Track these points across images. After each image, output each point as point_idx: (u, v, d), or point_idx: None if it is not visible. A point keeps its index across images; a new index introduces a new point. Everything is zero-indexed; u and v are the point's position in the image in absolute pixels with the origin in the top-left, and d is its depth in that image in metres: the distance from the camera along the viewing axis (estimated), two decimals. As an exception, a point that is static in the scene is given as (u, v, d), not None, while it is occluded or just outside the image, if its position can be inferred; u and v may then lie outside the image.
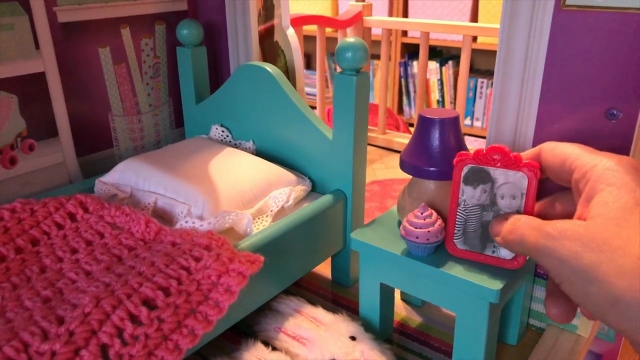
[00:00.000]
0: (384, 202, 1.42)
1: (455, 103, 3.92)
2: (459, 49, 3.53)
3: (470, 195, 0.73)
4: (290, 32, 1.16)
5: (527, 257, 0.72)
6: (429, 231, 0.76)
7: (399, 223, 0.86)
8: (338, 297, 1.00)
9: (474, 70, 3.96)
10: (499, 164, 0.70)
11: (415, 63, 3.91)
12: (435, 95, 4.08)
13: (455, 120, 0.80)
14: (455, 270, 0.73)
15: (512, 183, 0.69)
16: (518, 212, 0.70)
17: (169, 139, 1.22)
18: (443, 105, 4.00)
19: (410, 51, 4.10)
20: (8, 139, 0.94)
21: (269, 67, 1.01)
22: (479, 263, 0.74)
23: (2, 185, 0.95)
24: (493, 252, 0.73)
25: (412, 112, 4.18)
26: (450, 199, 0.75)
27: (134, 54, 1.11)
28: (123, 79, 1.10)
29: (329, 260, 1.05)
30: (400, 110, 4.14)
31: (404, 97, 4.14)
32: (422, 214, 0.77)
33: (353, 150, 0.92)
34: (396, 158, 1.72)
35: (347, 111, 0.90)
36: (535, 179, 0.68)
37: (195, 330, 0.64)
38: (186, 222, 0.82)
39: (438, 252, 0.78)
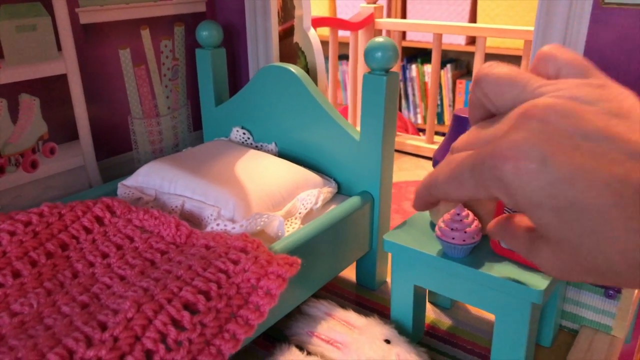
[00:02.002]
0: (400, 205, 1.41)
1: (454, 106, 3.93)
2: (457, 52, 3.54)
3: (515, 194, 0.72)
4: (312, 33, 1.15)
5: None
6: (465, 232, 0.75)
7: (432, 224, 0.85)
8: (363, 300, 0.99)
9: (472, 75, 3.97)
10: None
11: (413, 67, 3.91)
12: (430, 102, 4.08)
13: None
14: (496, 271, 0.72)
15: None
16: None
17: (186, 141, 1.20)
18: (442, 109, 4.01)
19: (409, 54, 4.10)
20: (30, 142, 0.93)
21: (293, 68, 1.00)
22: (518, 265, 0.74)
23: (23, 189, 0.93)
24: (534, 252, 0.72)
25: (411, 116, 4.18)
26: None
27: (154, 56, 1.09)
28: (142, 81, 1.09)
29: (352, 263, 1.03)
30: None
31: (403, 101, 4.14)
32: (458, 214, 0.76)
33: (382, 151, 0.91)
34: (408, 160, 1.72)
35: (376, 111, 0.89)
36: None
37: (237, 335, 0.62)
38: (217, 224, 0.81)
39: (475, 252, 0.77)
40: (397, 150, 1.76)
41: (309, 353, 0.79)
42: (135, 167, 1.06)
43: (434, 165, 0.82)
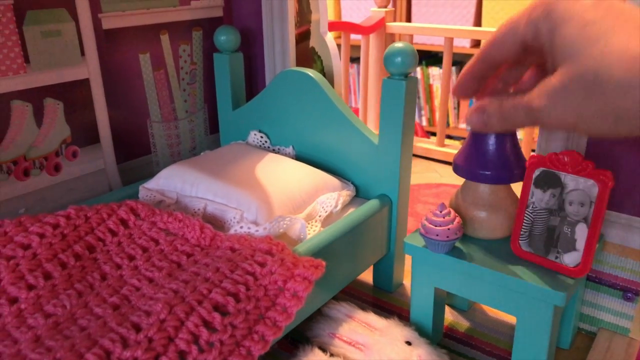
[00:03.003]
0: (413, 208, 1.42)
1: (458, 109, 3.94)
2: (462, 55, 3.55)
3: (539, 198, 0.73)
4: (329, 37, 1.17)
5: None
6: (448, 228, 0.76)
7: (451, 227, 0.86)
8: (381, 302, 1.00)
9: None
10: (570, 169, 0.70)
11: (418, 69, 3.92)
12: (438, 101, 4.10)
13: (510, 124, 0.80)
14: (518, 274, 0.73)
15: (582, 190, 0.70)
16: (585, 220, 0.70)
17: (203, 145, 1.21)
18: (447, 112, 4.02)
19: (415, 57, 4.11)
20: (53, 146, 0.94)
21: (311, 73, 1.01)
22: (539, 267, 0.74)
23: (47, 192, 0.94)
24: (556, 257, 0.73)
25: (416, 118, 4.19)
26: (520, 200, 0.75)
27: (172, 60, 1.11)
28: (162, 85, 1.10)
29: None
30: (407, 116, 4.14)
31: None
32: (441, 212, 0.78)
33: (400, 155, 0.92)
34: (418, 163, 1.73)
35: (395, 115, 0.90)
36: (607, 189, 0.67)
37: (265, 336, 0.64)
38: (240, 227, 0.82)
39: (496, 255, 0.78)
40: (408, 153, 1.77)
41: (331, 354, 0.80)
42: (154, 170, 1.08)
43: (455, 170, 0.83)
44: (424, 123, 3.56)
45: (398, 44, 0.88)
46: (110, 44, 0.99)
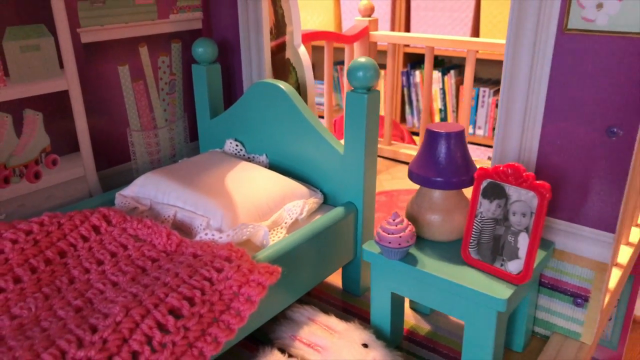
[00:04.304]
0: (391, 213, 1.45)
1: (457, 112, 3.97)
2: (461, 59, 3.58)
3: (486, 208, 0.77)
4: (302, 50, 1.21)
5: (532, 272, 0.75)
6: (400, 236, 0.80)
7: (409, 235, 0.90)
8: (349, 306, 1.04)
9: (476, 80, 4.00)
10: (512, 181, 0.74)
11: (417, 72, 3.95)
12: (437, 104, 4.13)
13: (460, 134, 0.84)
14: (465, 280, 0.77)
15: (523, 201, 0.73)
16: (527, 230, 0.73)
17: (183, 152, 1.26)
18: (445, 114, 4.05)
19: (413, 61, 4.14)
20: (33, 155, 0.99)
21: (282, 85, 1.05)
22: (486, 274, 0.78)
23: (27, 199, 0.99)
24: (501, 265, 0.76)
25: (415, 121, 4.22)
26: (469, 210, 0.79)
27: (152, 71, 1.15)
28: (141, 96, 1.14)
29: (339, 270, 1.08)
30: (403, 119, 4.18)
31: (407, 106, 4.19)
32: (394, 220, 0.82)
33: (364, 165, 0.96)
34: (402, 169, 1.76)
35: (358, 127, 0.94)
36: (545, 200, 0.71)
37: (218, 339, 0.68)
38: (205, 234, 0.86)
39: (447, 262, 0.81)
40: (391, 159, 1.81)
41: (290, 356, 0.84)
42: (134, 177, 1.12)
43: (410, 177, 0.87)
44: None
45: (360, 59, 0.91)
46: (89, 57, 1.04)
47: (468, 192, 0.85)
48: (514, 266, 0.75)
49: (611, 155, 0.78)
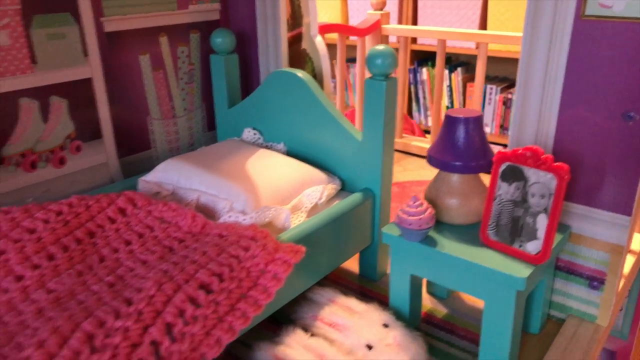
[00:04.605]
0: (403, 203, 1.47)
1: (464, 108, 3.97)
2: (468, 56, 3.58)
3: (505, 190, 0.79)
4: (319, 39, 1.23)
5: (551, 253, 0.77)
6: (420, 218, 0.82)
7: (427, 218, 0.92)
8: (366, 290, 1.06)
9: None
10: (531, 164, 0.76)
11: (424, 70, 3.97)
12: (444, 101, 4.14)
13: (478, 119, 0.86)
14: (484, 261, 0.78)
15: (542, 183, 0.75)
16: (546, 211, 0.75)
17: (201, 141, 1.28)
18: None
19: (420, 58, 4.16)
20: (58, 141, 1.01)
21: (301, 73, 1.07)
22: (505, 254, 0.80)
23: (52, 184, 1.01)
24: (520, 246, 0.78)
25: (422, 118, 4.24)
26: (488, 193, 0.81)
27: (171, 61, 1.17)
28: (161, 85, 1.16)
29: (355, 256, 1.10)
30: (410, 116, 4.20)
31: (414, 104, 4.20)
32: (414, 203, 0.84)
33: (382, 150, 0.98)
34: (413, 161, 1.78)
35: (376, 113, 0.96)
36: (564, 181, 0.73)
37: (247, 313, 0.70)
38: (229, 216, 0.88)
39: (467, 242, 0.83)
40: (402, 152, 1.83)
41: (312, 335, 0.86)
42: (154, 165, 1.14)
43: (429, 161, 0.89)
44: (430, 123, 3.61)
45: (379, 47, 0.93)
46: (112, 45, 1.06)
47: (484, 177, 0.87)
48: (532, 246, 0.77)
49: (627, 140, 0.80)
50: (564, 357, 0.86)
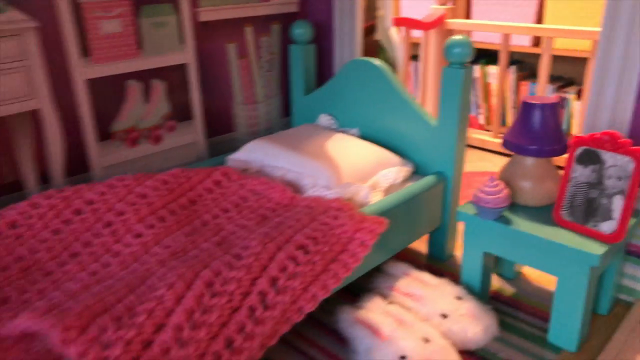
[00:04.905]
0: (465, 192, 1.51)
1: (517, 108, 3.93)
2: (522, 54, 3.54)
3: (580, 173, 0.83)
4: (393, 31, 1.29)
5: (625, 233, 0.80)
6: (497, 197, 0.87)
7: (500, 200, 0.96)
8: (435, 270, 1.11)
9: (535, 76, 3.95)
10: (609, 147, 0.79)
11: (477, 67, 3.96)
12: (495, 100, 4.11)
13: (554, 106, 0.90)
14: (560, 239, 0.83)
15: (619, 166, 0.79)
16: (622, 192, 0.79)
17: (277, 126, 1.36)
18: (504, 110, 4.03)
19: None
20: (156, 120, 1.11)
21: (377, 62, 1.13)
22: (579, 234, 0.84)
23: (149, 159, 1.11)
24: (594, 225, 0.82)
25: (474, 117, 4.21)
26: (563, 175, 0.85)
27: (254, 50, 1.26)
28: (245, 72, 1.25)
29: (423, 239, 1.15)
30: (462, 114, 4.18)
31: (466, 102, 4.19)
32: (491, 183, 0.88)
33: (457, 136, 1.03)
34: (473, 153, 1.81)
35: (453, 100, 1.01)
36: (640, 164, 0.77)
37: (338, 274, 0.77)
38: (314, 191, 0.96)
39: (540, 222, 0.88)
40: (462, 144, 1.86)
41: (390, 303, 0.92)
42: (235, 146, 1.23)
43: (505, 145, 0.93)
44: (482, 121, 3.60)
45: (457, 37, 0.99)
46: (204, 34, 1.15)
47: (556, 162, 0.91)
48: (607, 226, 0.81)
49: None
50: (632, 338, 0.89)
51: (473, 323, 0.87)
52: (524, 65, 3.46)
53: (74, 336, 0.57)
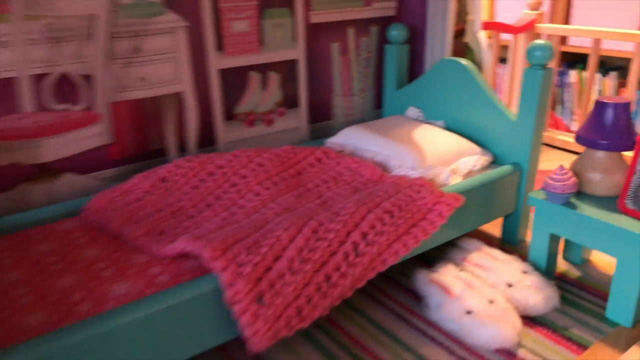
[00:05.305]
0: (540, 185, 1.59)
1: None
2: (624, 60, 3.44)
3: (644, 164, 0.93)
4: (481, 34, 1.41)
5: None
6: (565, 184, 0.98)
7: (570, 189, 1.07)
8: (506, 251, 1.22)
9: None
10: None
11: (573, 72, 3.87)
12: (591, 106, 3.99)
13: (626, 105, 0.99)
14: (621, 223, 0.92)
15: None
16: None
17: (369, 117, 1.53)
18: (600, 117, 3.92)
19: (569, 60, 4.04)
20: (270, 106, 1.32)
21: (465, 62, 1.26)
22: (638, 220, 0.93)
23: (262, 139, 1.33)
24: (656, 213, 0.91)
25: (565, 122, 4.12)
26: (629, 167, 0.95)
27: (354, 49, 1.44)
28: (344, 68, 1.43)
29: (497, 223, 1.27)
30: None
31: (558, 106, 4.11)
32: (560, 171, 0.99)
33: (534, 130, 1.14)
34: (555, 153, 1.87)
35: (532, 98, 1.12)
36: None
37: (417, 237, 0.92)
38: (400, 171, 1.11)
39: (604, 209, 0.98)
40: (546, 144, 1.93)
41: (461, 270, 1.06)
42: (332, 132, 1.41)
43: (577, 140, 1.03)
44: (574, 127, 3.55)
45: (538, 41, 1.10)
46: (313, 34, 1.35)
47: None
48: (668, 215, 0.90)
49: None
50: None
51: (535, 293, 0.99)
52: (625, 72, 3.36)
53: (219, 255, 0.77)
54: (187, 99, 1.20)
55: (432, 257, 1.16)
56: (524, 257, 1.18)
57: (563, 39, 2.00)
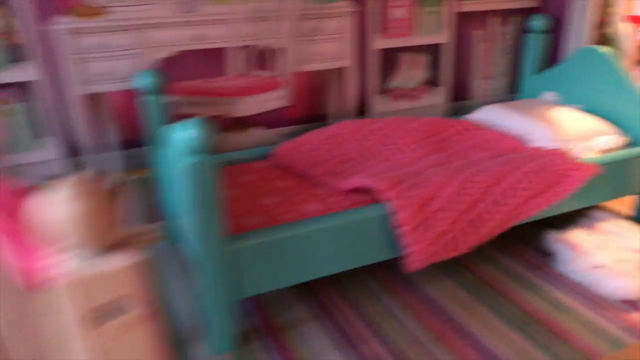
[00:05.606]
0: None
1: None
2: None
3: None
4: (623, 26, 1.47)
5: None
6: None
7: None
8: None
9: None
10: None
11: None
12: None
13: None
14: None
15: None
16: None
17: (505, 100, 1.65)
18: None
19: None
20: (416, 84, 1.50)
21: (605, 50, 1.35)
22: None
23: (407, 112, 1.51)
24: None
25: None
26: None
27: (497, 37, 1.57)
28: (487, 54, 1.57)
29: (624, 201, 1.34)
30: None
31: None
32: None
33: (673, 115, 1.21)
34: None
35: (673, 83, 1.19)
36: None
37: (550, 198, 1.06)
38: (537, 144, 1.24)
39: None
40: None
41: (589, 234, 1.16)
42: (469, 111, 1.56)
43: None
44: None
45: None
46: (460, 22, 1.50)
47: None
48: None
49: None
50: None
51: (663, 260, 1.07)
52: None
53: (390, 187, 0.97)
54: (348, 73, 1.41)
55: (561, 223, 1.28)
56: (653, 234, 1.25)
57: None
